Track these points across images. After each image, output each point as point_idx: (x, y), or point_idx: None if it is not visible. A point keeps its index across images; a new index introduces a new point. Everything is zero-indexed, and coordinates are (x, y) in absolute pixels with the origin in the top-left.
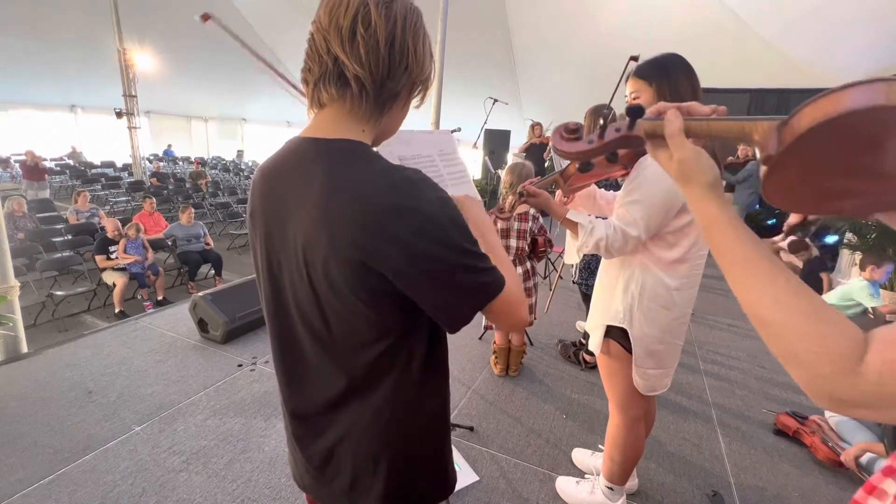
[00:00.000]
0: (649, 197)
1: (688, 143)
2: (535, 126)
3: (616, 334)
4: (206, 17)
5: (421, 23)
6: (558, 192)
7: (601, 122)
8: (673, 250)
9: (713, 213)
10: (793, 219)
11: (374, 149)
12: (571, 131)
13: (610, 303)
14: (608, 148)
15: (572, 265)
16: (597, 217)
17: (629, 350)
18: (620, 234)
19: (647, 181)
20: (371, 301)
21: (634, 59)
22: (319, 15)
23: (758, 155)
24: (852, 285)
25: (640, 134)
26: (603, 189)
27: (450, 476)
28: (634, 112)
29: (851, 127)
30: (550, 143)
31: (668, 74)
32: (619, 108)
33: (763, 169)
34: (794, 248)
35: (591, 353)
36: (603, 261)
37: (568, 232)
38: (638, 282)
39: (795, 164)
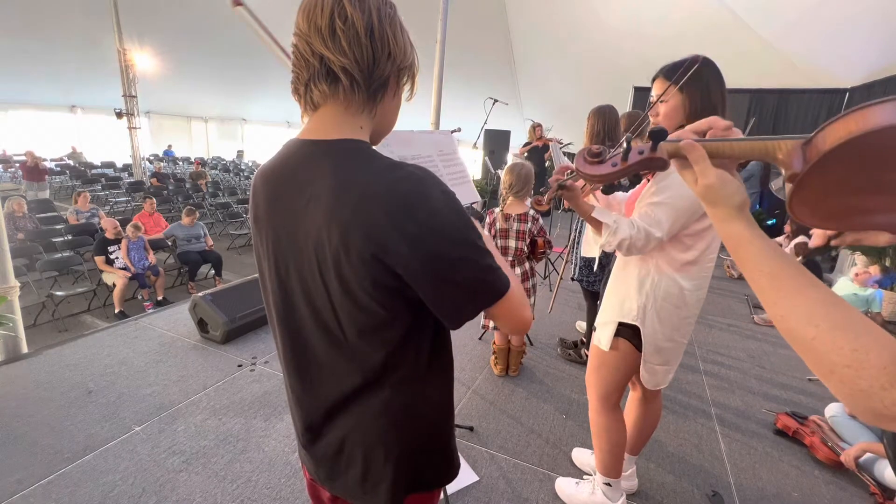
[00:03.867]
0: (676, 199)
1: (712, 170)
2: (536, 127)
3: (626, 332)
4: (237, 3)
5: (396, 14)
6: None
7: (624, 146)
8: (688, 252)
9: (739, 231)
10: (816, 240)
11: (374, 148)
12: (595, 155)
13: (624, 301)
14: (631, 170)
15: (571, 263)
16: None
17: (638, 347)
18: (644, 234)
19: (675, 183)
20: (382, 298)
21: (696, 59)
22: (298, 23)
23: (783, 173)
24: (836, 287)
25: (664, 156)
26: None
27: (455, 461)
28: (657, 135)
29: (876, 145)
30: (574, 166)
31: (701, 80)
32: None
33: (788, 187)
34: (798, 251)
35: None
36: (618, 260)
37: (588, 227)
38: (653, 281)
39: (821, 181)
